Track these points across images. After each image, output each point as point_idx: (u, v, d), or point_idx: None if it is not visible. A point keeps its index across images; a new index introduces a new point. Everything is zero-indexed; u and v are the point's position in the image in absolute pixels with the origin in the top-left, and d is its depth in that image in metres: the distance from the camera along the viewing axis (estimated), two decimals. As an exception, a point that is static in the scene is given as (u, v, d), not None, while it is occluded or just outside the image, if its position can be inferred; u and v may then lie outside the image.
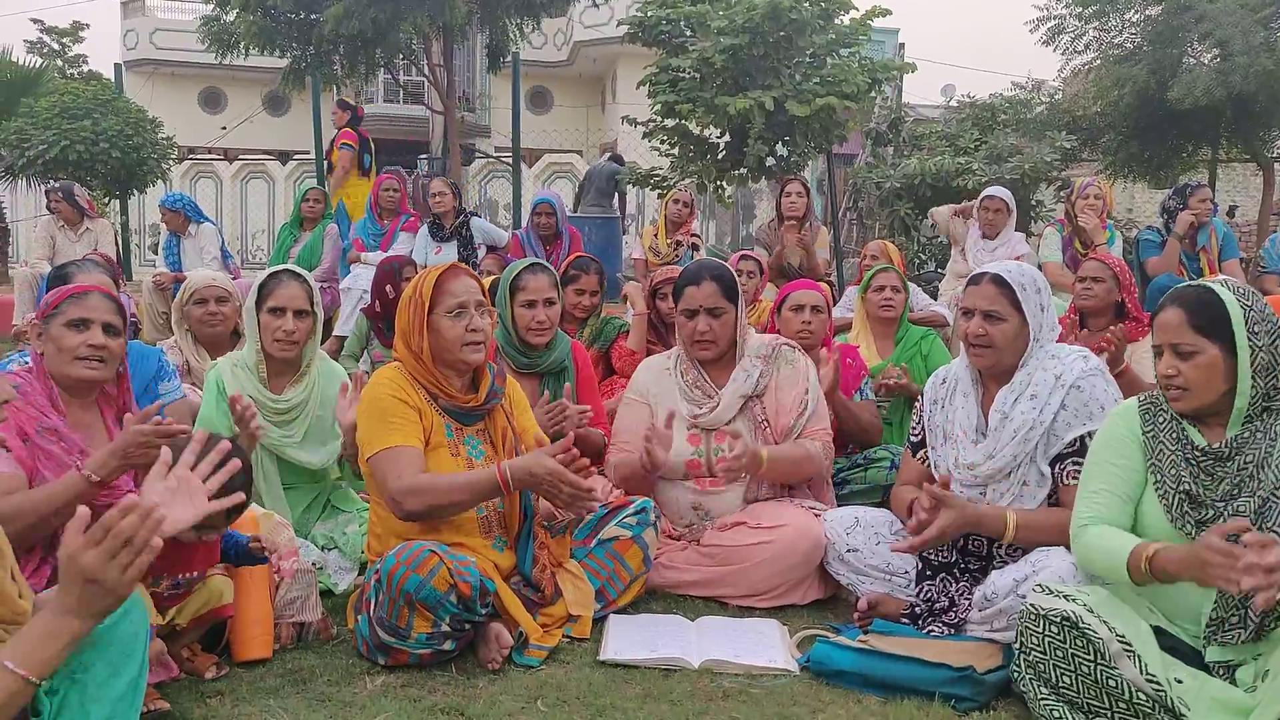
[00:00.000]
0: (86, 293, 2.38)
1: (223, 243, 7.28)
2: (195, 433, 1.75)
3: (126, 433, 2.19)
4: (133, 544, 1.40)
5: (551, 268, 3.60)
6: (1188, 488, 2.11)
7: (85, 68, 20.57)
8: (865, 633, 2.54)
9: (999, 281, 2.59)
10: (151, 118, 9.64)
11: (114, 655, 1.61)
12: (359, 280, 6.49)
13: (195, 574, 2.28)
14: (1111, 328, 3.66)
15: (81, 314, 2.33)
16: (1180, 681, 1.96)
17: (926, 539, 2.42)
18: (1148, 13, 9.45)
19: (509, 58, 10.42)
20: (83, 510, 1.42)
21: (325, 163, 9.49)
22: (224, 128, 20.86)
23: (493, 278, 4.46)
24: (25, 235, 14.23)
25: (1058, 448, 2.50)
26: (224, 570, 2.38)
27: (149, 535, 1.41)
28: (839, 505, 3.19)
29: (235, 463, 1.78)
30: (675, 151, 8.83)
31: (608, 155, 9.52)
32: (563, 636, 2.56)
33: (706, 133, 8.60)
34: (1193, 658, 2.06)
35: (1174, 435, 2.17)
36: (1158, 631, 2.06)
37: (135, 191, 9.96)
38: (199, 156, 17.17)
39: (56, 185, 7.59)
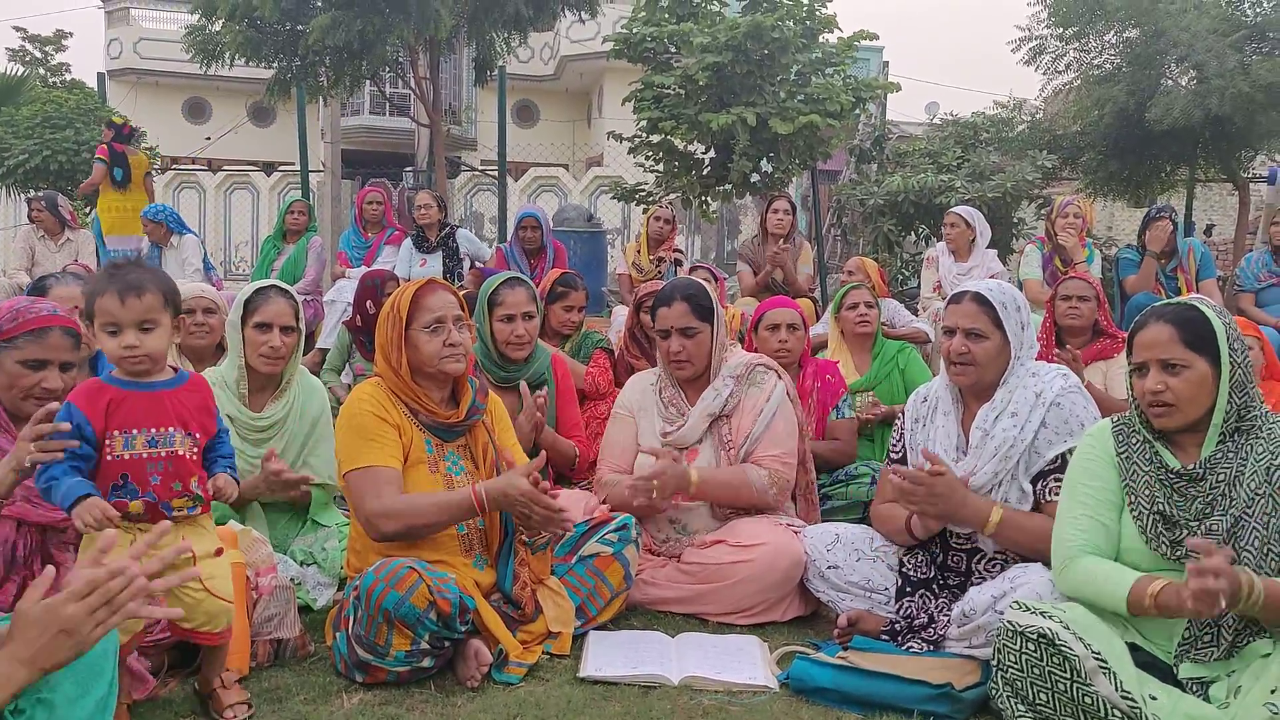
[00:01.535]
0: (47, 329, 2.24)
1: (205, 254, 7.26)
2: (161, 524, 1.67)
3: (18, 445, 2.06)
4: (112, 604, 1.45)
5: (530, 281, 3.60)
6: (1161, 508, 2.13)
7: (68, 76, 20.46)
8: (845, 649, 2.55)
9: (980, 300, 2.61)
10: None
11: (82, 673, 1.60)
12: (343, 293, 6.48)
13: None
14: (1058, 350, 3.70)
15: (40, 354, 2.22)
16: (1155, 698, 1.97)
17: (920, 479, 2.47)
18: (1126, 35, 9.56)
19: (495, 71, 10.44)
20: (50, 569, 1.48)
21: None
22: (208, 138, 20.78)
23: (466, 292, 4.48)
24: (3, 245, 14.11)
25: (1039, 465, 2.53)
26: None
27: (129, 598, 1.46)
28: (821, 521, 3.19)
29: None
30: (660, 167, 8.85)
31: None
32: (542, 653, 2.56)
33: (691, 148, 8.64)
34: (1167, 674, 2.08)
35: (1147, 457, 2.19)
36: (1133, 648, 2.07)
37: (117, 202, 9.89)
38: (182, 167, 17.10)
39: (40, 194, 7.54)
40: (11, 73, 11.30)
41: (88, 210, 9.73)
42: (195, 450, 2.15)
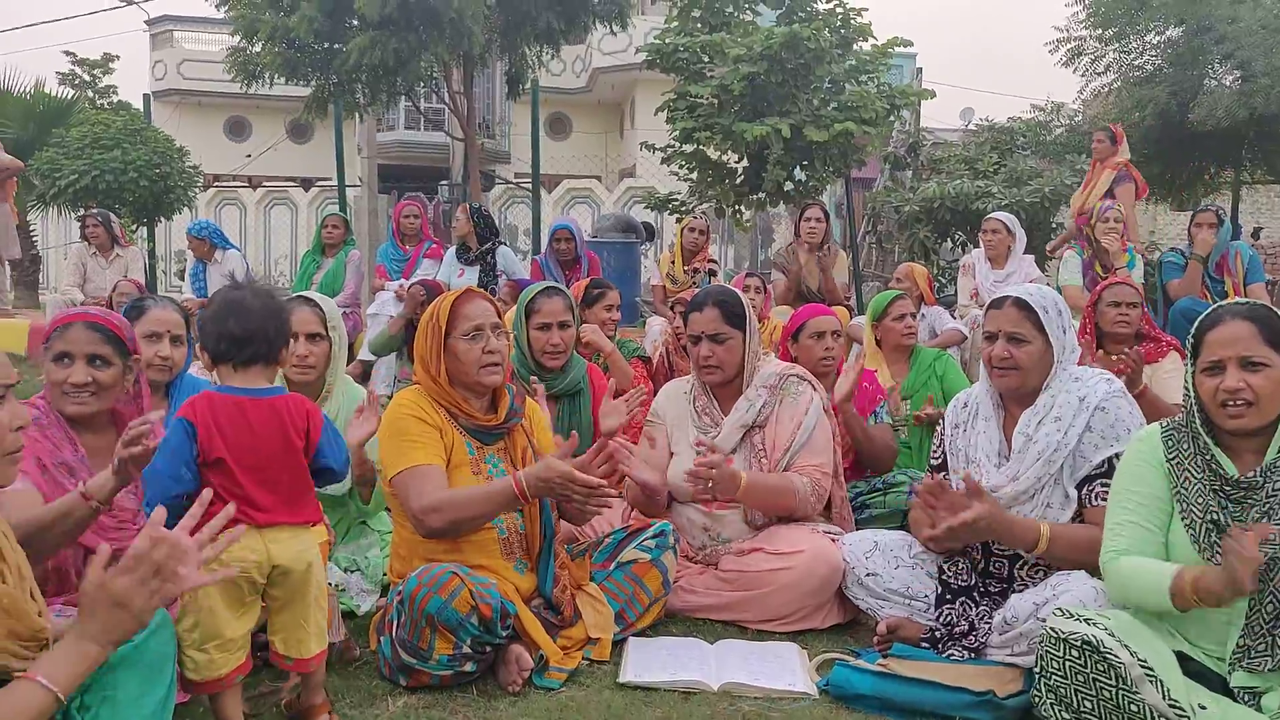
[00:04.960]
0: (70, 324, 2.27)
1: (248, 269, 7.39)
2: (203, 494, 1.70)
3: (117, 452, 2.05)
4: (161, 573, 1.49)
5: (568, 291, 3.63)
6: (1215, 517, 2.08)
7: (115, 98, 20.93)
8: (885, 657, 2.53)
9: (1021, 304, 2.59)
10: (179, 147, 9.80)
11: (144, 673, 1.67)
12: (385, 306, 6.57)
13: None
14: (1126, 350, 3.63)
15: (63, 347, 2.23)
16: (1204, 708, 1.94)
17: (956, 524, 2.42)
18: (1168, 34, 9.44)
19: (528, 85, 10.54)
20: (104, 546, 1.50)
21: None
22: (249, 155, 21.18)
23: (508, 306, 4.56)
24: (56, 263, 14.47)
25: (1085, 470, 2.50)
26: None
27: (176, 566, 1.50)
28: (858, 529, 3.18)
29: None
30: (694, 176, 8.88)
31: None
32: (582, 659, 2.58)
33: (725, 158, 8.65)
34: (1217, 684, 2.04)
35: (1200, 464, 2.13)
36: (1181, 657, 2.04)
37: (162, 219, 10.13)
38: (224, 184, 17.44)
39: (95, 211, 7.74)
40: (62, 96, 11.66)
41: (134, 229, 9.97)
42: None
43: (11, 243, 8.56)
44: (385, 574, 2.90)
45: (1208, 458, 2.12)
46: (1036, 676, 2.12)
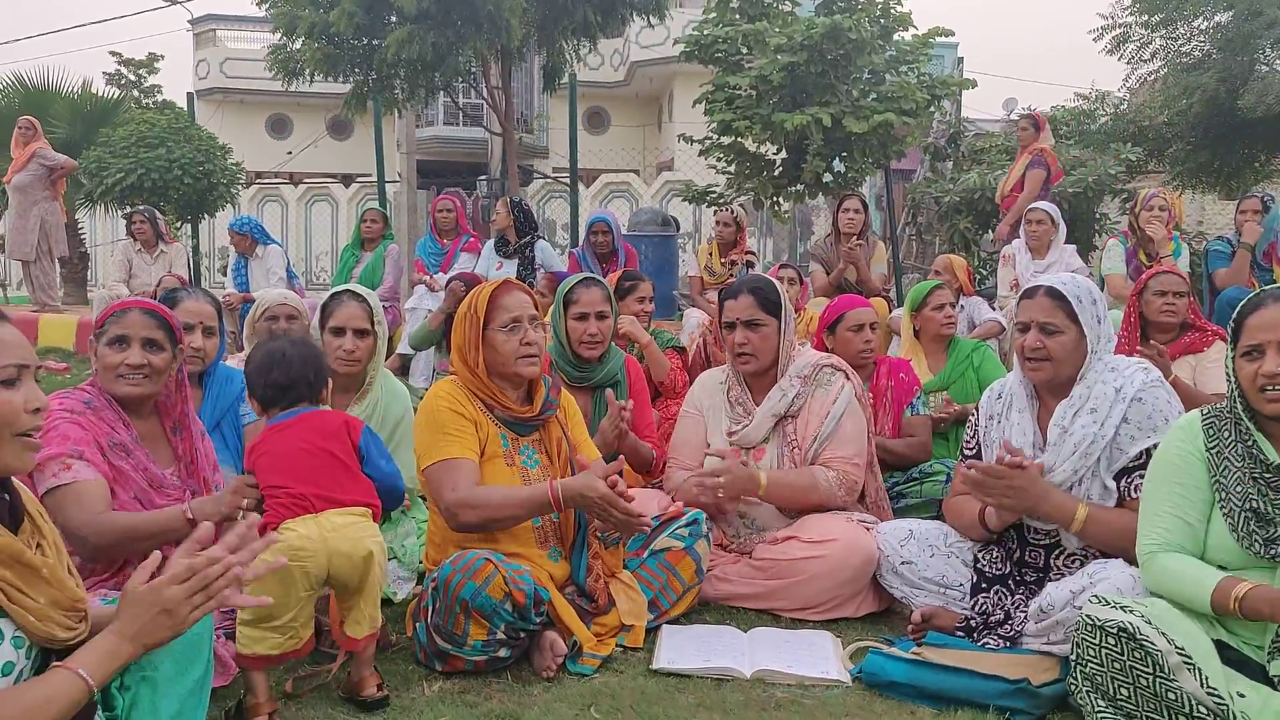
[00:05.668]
0: (126, 310, 2.42)
1: (288, 264, 7.51)
2: (250, 517, 1.76)
3: (233, 483, 2.25)
4: (208, 589, 1.56)
5: (605, 282, 3.64)
6: (1255, 505, 2.05)
7: (160, 97, 21.35)
8: (919, 646, 2.52)
9: (1054, 294, 2.56)
10: (221, 144, 9.96)
11: (181, 654, 1.71)
12: (423, 300, 6.65)
13: None
14: (1142, 345, 3.57)
15: (120, 331, 2.36)
16: (1243, 696, 1.91)
17: (998, 472, 2.44)
18: (1217, 20, 9.23)
19: (566, 79, 10.57)
20: (156, 554, 1.58)
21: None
22: (289, 152, 21.48)
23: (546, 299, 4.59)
24: (103, 261, 14.79)
25: (1123, 462, 2.47)
26: None
27: (224, 586, 1.57)
28: (894, 519, 3.16)
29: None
30: (731, 169, 8.84)
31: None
32: (616, 646, 2.59)
33: (763, 149, 8.60)
34: (1257, 672, 2.00)
35: (1241, 451, 2.10)
36: (1220, 646, 2.00)
37: (205, 216, 10.31)
38: (266, 181, 17.69)
39: (141, 208, 7.92)
40: (108, 96, 11.92)
41: (178, 225, 10.16)
42: None
43: (61, 240, 8.79)
44: (421, 561, 2.94)
45: (1249, 444, 2.09)
46: (1072, 664, 2.10)
